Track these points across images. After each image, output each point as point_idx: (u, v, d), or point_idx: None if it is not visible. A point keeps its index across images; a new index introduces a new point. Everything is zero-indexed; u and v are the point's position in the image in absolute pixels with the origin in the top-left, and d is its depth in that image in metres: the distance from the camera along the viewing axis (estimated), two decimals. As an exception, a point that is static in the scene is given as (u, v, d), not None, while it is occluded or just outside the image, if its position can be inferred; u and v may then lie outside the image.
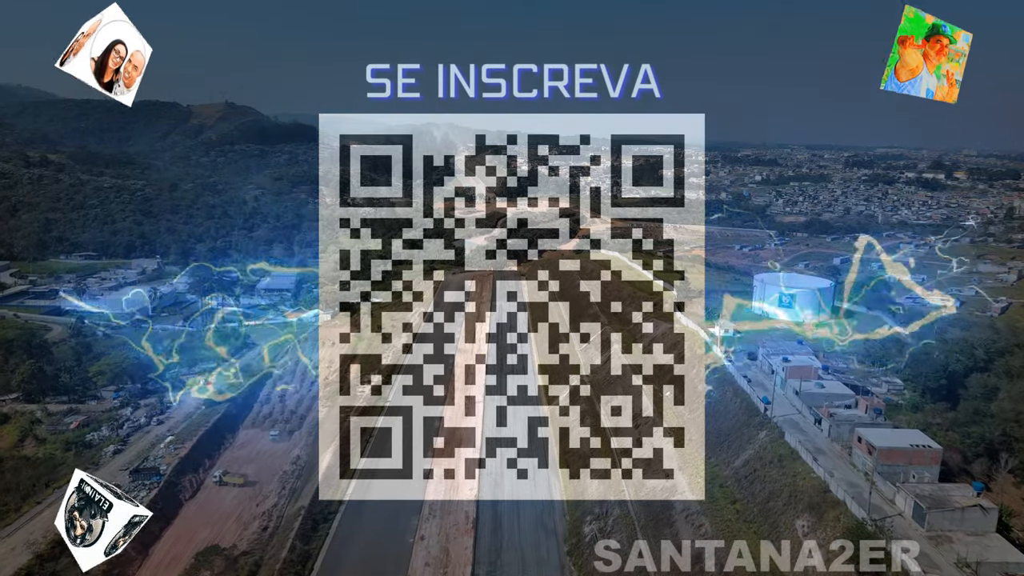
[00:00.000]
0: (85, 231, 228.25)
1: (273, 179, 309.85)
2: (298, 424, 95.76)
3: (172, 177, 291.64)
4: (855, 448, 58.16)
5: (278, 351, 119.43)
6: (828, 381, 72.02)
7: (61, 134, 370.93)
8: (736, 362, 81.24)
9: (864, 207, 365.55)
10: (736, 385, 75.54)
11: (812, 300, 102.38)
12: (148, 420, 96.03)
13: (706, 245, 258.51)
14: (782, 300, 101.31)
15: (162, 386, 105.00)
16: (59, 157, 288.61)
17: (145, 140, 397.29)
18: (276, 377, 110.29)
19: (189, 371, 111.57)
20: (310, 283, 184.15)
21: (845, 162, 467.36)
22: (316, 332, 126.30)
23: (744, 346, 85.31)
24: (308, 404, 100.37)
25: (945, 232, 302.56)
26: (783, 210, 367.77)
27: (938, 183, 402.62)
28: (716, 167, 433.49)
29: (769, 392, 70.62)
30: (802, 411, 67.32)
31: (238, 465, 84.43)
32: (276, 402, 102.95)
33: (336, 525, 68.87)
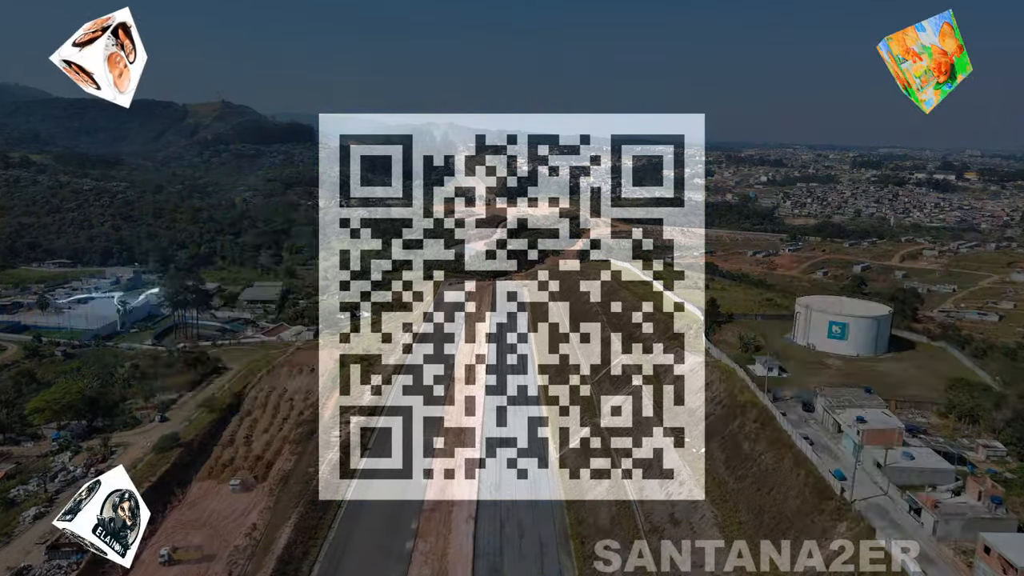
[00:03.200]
0: (60, 237, 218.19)
1: (266, 180, 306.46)
2: (263, 472, 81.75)
3: (159, 178, 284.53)
4: (980, 562, 44.26)
5: (250, 378, 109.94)
6: (918, 449, 58.62)
7: (53, 133, 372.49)
8: (788, 412, 67.96)
9: (875, 209, 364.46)
10: (794, 448, 61.66)
11: (868, 331, 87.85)
12: (86, 470, 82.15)
13: (716, 250, 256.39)
14: (832, 330, 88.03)
15: (111, 424, 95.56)
16: (43, 157, 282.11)
17: (139, 140, 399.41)
18: (243, 412, 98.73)
19: (146, 402, 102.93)
20: (296, 294, 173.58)
21: (852, 162, 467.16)
22: (298, 354, 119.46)
23: (798, 392, 72.73)
24: (277, 448, 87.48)
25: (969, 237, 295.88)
26: (791, 212, 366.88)
27: (949, 184, 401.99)
28: (720, 167, 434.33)
29: (840, 461, 58.69)
30: (889, 493, 53.68)
31: (186, 531, 70.20)
32: (240, 444, 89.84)
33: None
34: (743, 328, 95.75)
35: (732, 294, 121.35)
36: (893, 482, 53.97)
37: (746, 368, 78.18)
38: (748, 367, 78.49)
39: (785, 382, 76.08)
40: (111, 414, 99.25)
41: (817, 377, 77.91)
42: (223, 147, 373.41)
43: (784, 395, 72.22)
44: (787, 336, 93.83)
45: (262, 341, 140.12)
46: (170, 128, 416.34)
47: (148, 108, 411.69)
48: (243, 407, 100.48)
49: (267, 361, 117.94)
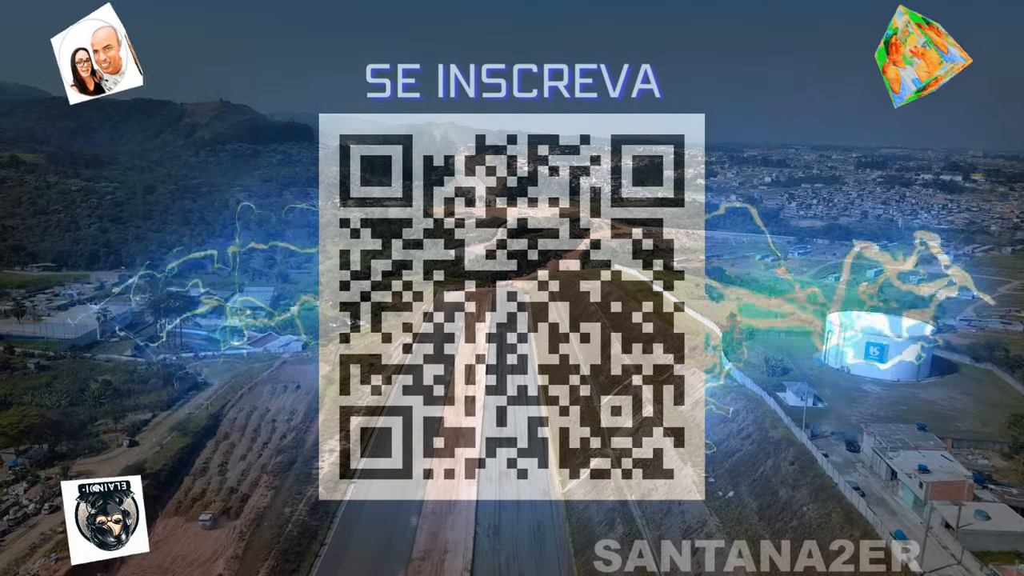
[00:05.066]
0: (44, 239, 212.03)
1: (262, 180, 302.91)
2: (237, 506, 75.53)
3: (150, 179, 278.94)
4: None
5: (231, 396, 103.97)
6: (992, 505, 50.81)
7: (49, 133, 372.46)
8: (830, 452, 60.97)
9: (882, 210, 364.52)
10: (844, 500, 54.17)
11: (911, 353, 79.91)
12: (39, 507, 75.91)
13: (721, 253, 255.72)
14: (869, 352, 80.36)
15: (75, 449, 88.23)
16: (35, 157, 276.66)
17: (136, 139, 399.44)
18: (220, 435, 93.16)
19: (115, 424, 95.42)
20: (288, 300, 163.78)
21: (856, 163, 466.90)
22: (284, 368, 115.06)
23: (838, 428, 65.44)
24: (254, 478, 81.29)
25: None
26: (797, 213, 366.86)
27: (956, 185, 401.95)
28: (723, 168, 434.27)
29: (899, 518, 51.66)
30: (964, 562, 46.27)
31: (146, 581, 62.71)
32: (214, 474, 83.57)
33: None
34: (764, 345, 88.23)
35: (745, 304, 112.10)
36: (967, 548, 46.50)
37: (775, 396, 71.66)
38: (778, 394, 72.03)
39: (822, 415, 69.06)
40: (77, 437, 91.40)
41: (857, 408, 70.82)
42: (220, 147, 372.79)
43: (824, 431, 65.17)
44: (816, 356, 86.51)
45: (247, 353, 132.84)
46: (167, 128, 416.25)
47: (145, 107, 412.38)
48: (220, 429, 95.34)
49: (250, 376, 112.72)
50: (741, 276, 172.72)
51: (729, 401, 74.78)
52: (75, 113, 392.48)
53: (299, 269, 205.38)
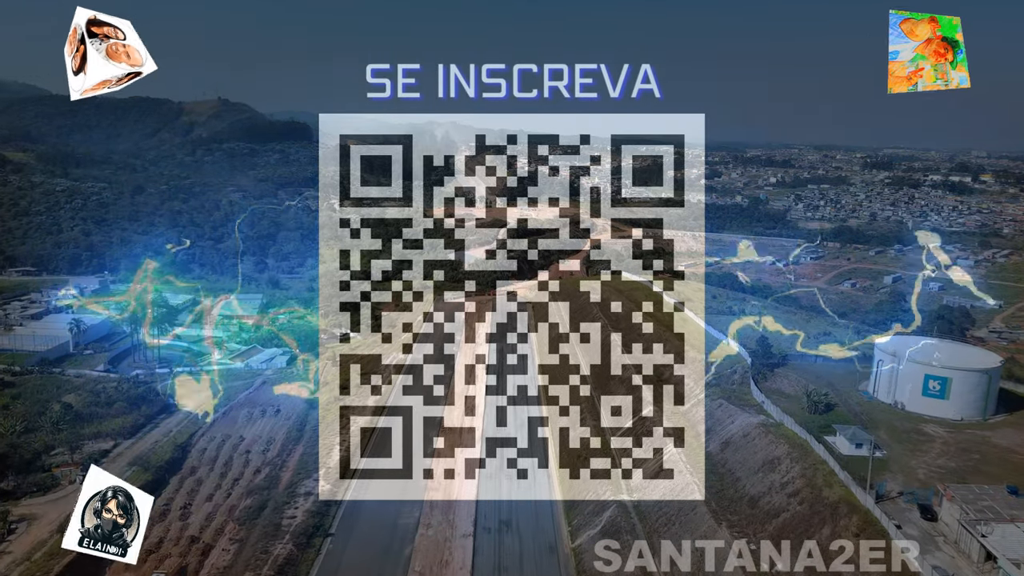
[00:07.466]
0: (25, 242, 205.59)
1: (257, 180, 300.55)
2: (197, 561, 66.62)
3: (141, 179, 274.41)
4: None
5: (202, 422, 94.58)
6: None
7: (44, 131, 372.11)
8: (901, 522, 50.92)
9: (891, 212, 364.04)
10: None
11: (977, 388, 69.94)
12: None
13: (727, 256, 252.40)
14: (928, 387, 70.88)
15: (22, 485, 77.42)
16: (24, 156, 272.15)
17: (133, 138, 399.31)
18: (186, 470, 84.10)
19: (71, 455, 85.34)
20: (276, 307, 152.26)
21: (862, 164, 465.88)
22: (264, 388, 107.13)
23: (905, 485, 55.60)
24: (219, 525, 72.22)
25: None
26: (804, 215, 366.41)
27: (965, 187, 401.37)
28: (727, 168, 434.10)
29: None
30: None
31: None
32: (175, 518, 73.83)
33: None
34: (801, 373, 78.31)
35: (768, 322, 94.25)
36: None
37: (824, 440, 62.33)
38: (827, 439, 62.77)
39: (882, 466, 58.57)
40: (27, 471, 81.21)
41: (921, 456, 61.51)
42: (216, 146, 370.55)
43: (890, 491, 54.80)
44: (863, 390, 76.88)
45: (228, 368, 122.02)
46: (165, 126, 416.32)
47: (142, 105, 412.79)
48: (187, 463, 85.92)
49: (225, 399, 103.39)
50: (755, 284, 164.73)
51: (768, 446, 65.90)
52: (72, 111, 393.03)
53: (291, 275, 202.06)
